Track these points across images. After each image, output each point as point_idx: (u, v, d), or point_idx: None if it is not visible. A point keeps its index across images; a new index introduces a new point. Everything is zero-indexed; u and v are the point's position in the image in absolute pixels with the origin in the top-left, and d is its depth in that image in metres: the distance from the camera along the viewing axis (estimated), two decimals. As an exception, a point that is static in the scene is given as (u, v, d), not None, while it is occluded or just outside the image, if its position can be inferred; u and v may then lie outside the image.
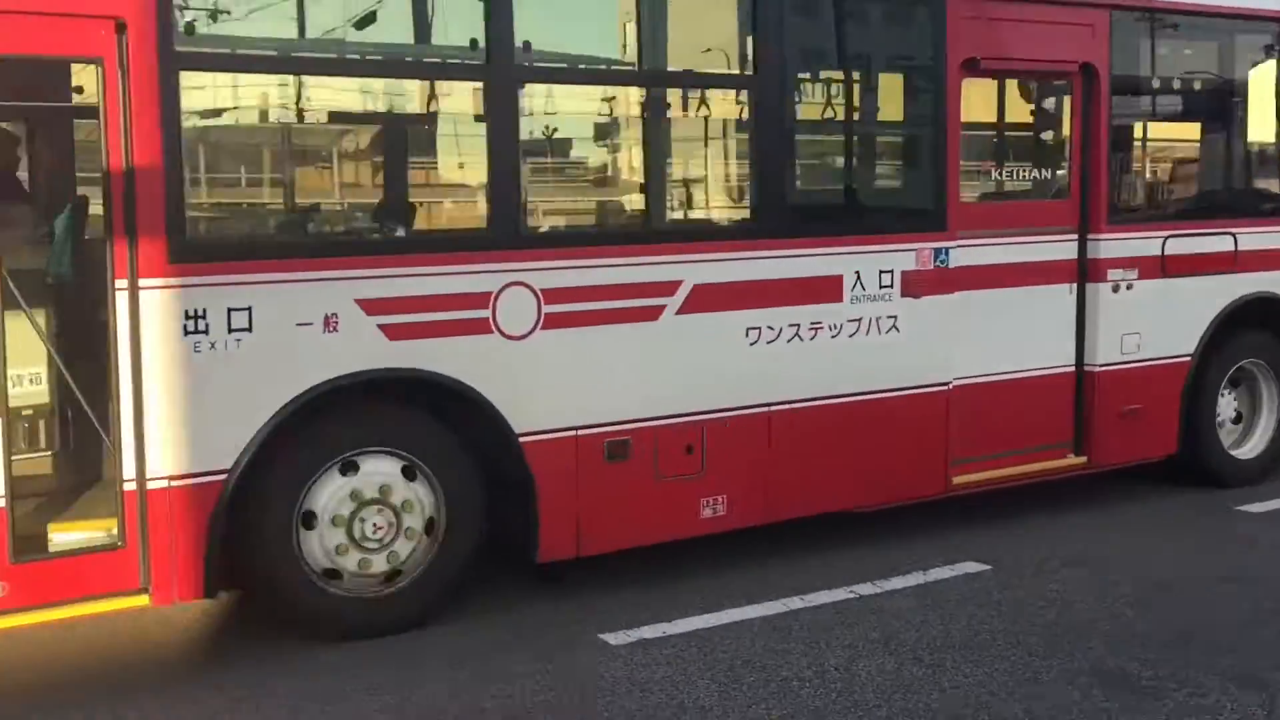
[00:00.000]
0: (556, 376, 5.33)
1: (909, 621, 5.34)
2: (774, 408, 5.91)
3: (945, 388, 6.44)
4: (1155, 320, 7.12)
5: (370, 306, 4.90)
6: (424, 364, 5.02)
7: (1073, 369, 6.97)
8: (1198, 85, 7.29)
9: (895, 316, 6.21)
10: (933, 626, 5.28)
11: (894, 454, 6.31)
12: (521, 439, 5.26)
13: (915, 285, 6.25)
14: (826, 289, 5.99)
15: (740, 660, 4.91)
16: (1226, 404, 7.64)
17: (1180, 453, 7.38)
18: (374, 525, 4.99)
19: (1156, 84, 7.09)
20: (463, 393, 5.13)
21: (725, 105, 6.08)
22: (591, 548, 5.54)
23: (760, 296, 5.80)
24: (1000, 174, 6.84)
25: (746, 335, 5.79)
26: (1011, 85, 6.96)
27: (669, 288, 5.56)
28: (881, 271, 6.14)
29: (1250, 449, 7.79)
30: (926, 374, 6.36)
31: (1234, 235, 7.34)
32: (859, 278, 6.07)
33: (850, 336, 6.08)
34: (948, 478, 6.53)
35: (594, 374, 5.42)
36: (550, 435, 5.34)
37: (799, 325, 5.92)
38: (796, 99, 6.12)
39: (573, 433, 5.39)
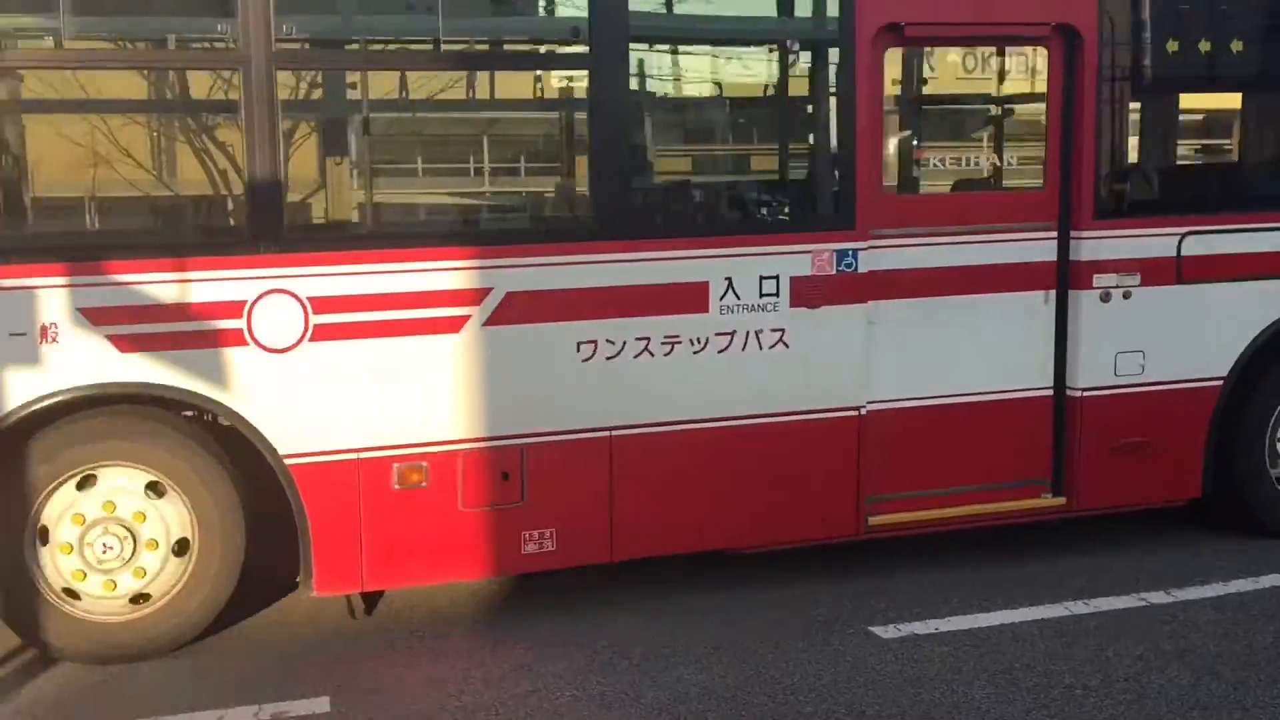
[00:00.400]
0: (331, 394, 4.84)
1: (1207, 634, 5.01)
2: (617, 432, 5.20)
3: (855, 413, 5.50)
4: (1167, 336, 5.84)
5: (97, 316, 4.58)
6: (162, 378, 4.66)
7: (1050, 393, 5.82)
8: (1236, 44, 5.87)
9: (782, 330, 5.33)
10: (1235, 641, 4.93)
11: (786, 489, 5.44)
12: (288, 461, 4.82)
13: (810, 294, 5.34)
14: (685, 298, 5.20)
15: (1020, 663, 4.73)
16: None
17: (1210, 498, 6.07)
18: (103, 545, 4.70)
19: (1174, 45, 5.75)
20: (212, 410, 4.75)
21: (552, 84, 5.34)
22: (380, 581, 5.05)
23: (595, 306, 5.09)
24: (953, 162, 5.73)
25: (578, 350, 5.10)
26: (977, 53, 5.84)
27: (473, 296, 4.95)
28: (763, 278, 5.28)
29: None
30: (828, 396, 5.45)
31: (1282, 232, 5.93)
32: (731, 285, 5.24)
33: (720, 352, 5.26)
34: (861, 518, 5.59)
35: (379, 392, 4.90)
36: (324, 458, 4.87)
37: (648, 339, 5.17)
38: (645, 76, 5.30)
39: (354, 456, 4.90)
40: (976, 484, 5.79)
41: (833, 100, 5.32)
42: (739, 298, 5.25)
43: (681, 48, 5.47)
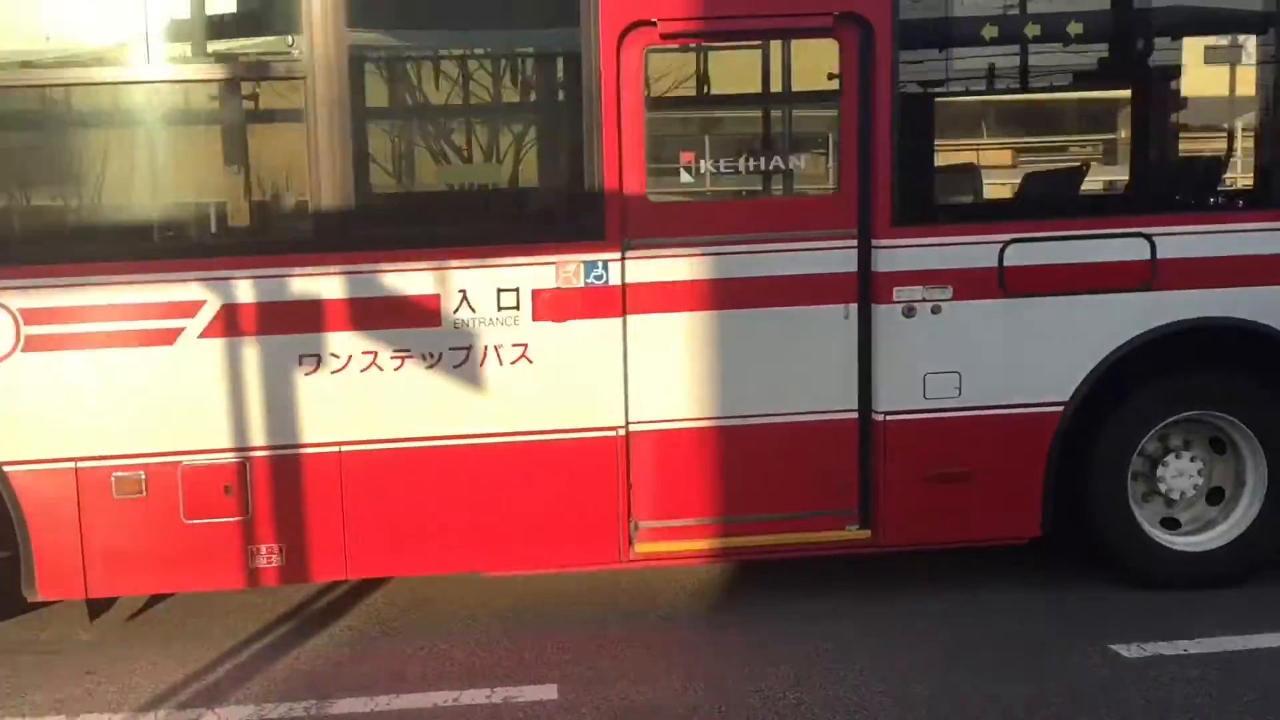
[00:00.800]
0: (46, 404, 4.94)
1: None
2: (346, 448, 5.08)
3: (614, 433, 5.18)
4: (990, 355, 5.23)
5: None
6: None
7: (855, 416, 5.31)
8: (1074, 26, 5.15)
9: (525, 344, 5.08)
10: None
11: (541, 512, 5.18)
12: (7, 468, 4.95)
13: (555, 307, 5.06)
14: (415, 311, 5.02)
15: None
16: (1177, 472, 5.48)
17: (1053, 535, 5.40)
18: None
19: (993, 30, 5.12)
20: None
21: (271, 94, 5.21)
22: (105, 589, 5.12)
23: (318, 319, 4.99)
24: (729, 167, 5.28)
25: (300, 364, 5.01)
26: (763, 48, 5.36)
27: (187, 308, 4.94)
28: (501, 290, 5.04)
29: (1205, 538, 5.52)
30: (582, 415, 5.15)
31: (1149, 238, 5.18)
32: (465, 298, 5.02)
33: (456, 367, 5.06)
34: (625, 544, 5.26)
35: (95, 402, 4.96)
36: (41, 466, 4.97)
37: (375, 354, 5.03)
38: (369, 83, 5.11)
39: (71, 464, 4.98)
40: (774, 512, 5.35)
41: (578, 104, 5.01)
42: (474, 311, 5.03)
43: (409, 53, 5.26)
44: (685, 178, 5.18)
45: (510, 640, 5.12)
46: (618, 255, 5.06)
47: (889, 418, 5.24)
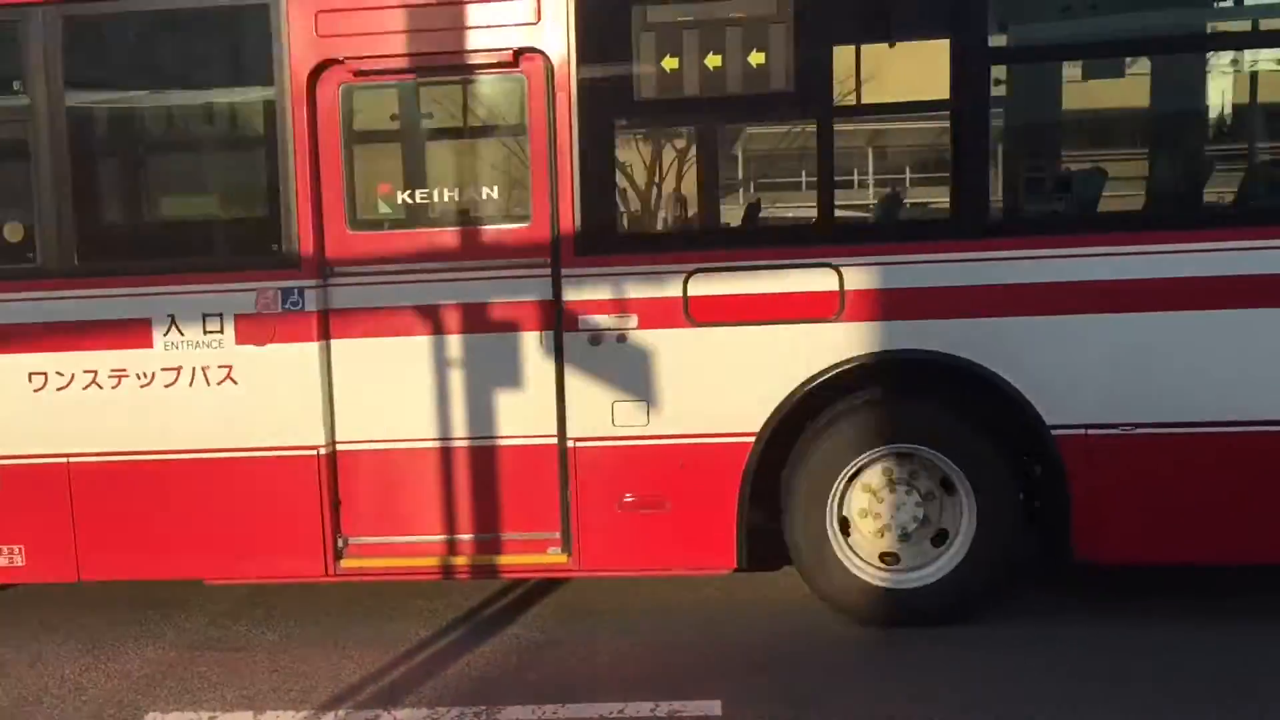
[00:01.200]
0: None
1: None
2: (74, 459, 5.51)
3: (315, 453, 5.43)
4: (677, 384, 5.24)
5: None
6: None
7: (554, 442, 5.41)
8: (756, 57, 5.09)
9: (230, 367, 5.40)
10: None
11: (253, 525, 5.48)
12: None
13: (255, 332, 5.37)
14: (129, 334, 5.41)
15: None
16: (893, 507, 5.35)
17: (752, 567, 5.35)
18: None
19: (673, 63, 5.13)
20: None
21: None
22: None
23: (42, 340, 5.44)
24: (424, 197, 5.45)
25: (30, 380, 5.47)
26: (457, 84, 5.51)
27: (-65, 330, 5.49)
28: (206, 315, 5.38)
29: (918, 575, 5.36)
30: (284, 435, 5.43)
31: (836, 268, 5.10)
32: (174, 322, 5.39)
33: (168, 387, 5.42)
34: (331, 559, 5.50)
35: None
36: None
37: (96, 373, 5.44)
38: (83, 117, 5.49)
39: None
40: (481, 533, 5.50)
41: (274, 141, 5.31)
42: (183, 334, 5.39)
43: (125, 100, 5.63)
44: (384, 209, 5.40)
45: (676, 653, 5.16)
46: (314, 283, 5.32)
47: (579, 445, 5.31)
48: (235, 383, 5.40)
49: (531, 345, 5.35)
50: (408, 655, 5.24)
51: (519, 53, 5.17)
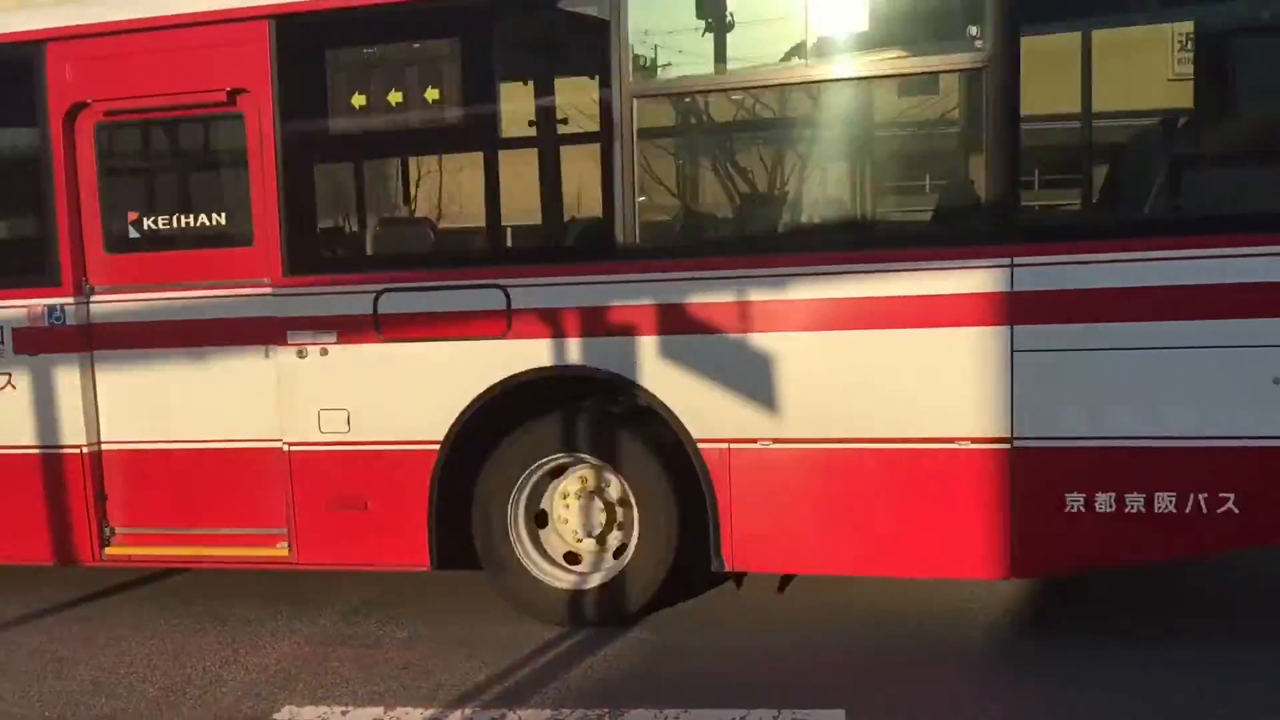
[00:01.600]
0: None
1: None
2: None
3: (78, 451, 6.11)
4: (372, 395, 5.69)
5: None
6: None
7: (280, 445, 5.93)
8: (432, 93, 5.47)
9: (10, 374, 6.13)
10: None
11: (26, 515, 6.20)
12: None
13: (28, 343, 6.09)
14: (-67, 343, 6.23)
15: None
16: (576, 513, 5.67)
17: (446, 565, 5.74)
18: None
19: (362, 99, 5.57)
20: None
21: None
22: None
23: None
24: (166, 223, 6.03)
25: None
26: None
27: None
28: (-8, 328, 6.15)
29: (588, 579, 5.67)
30: (54, 435, 6.13)
31: (504, 289, 5.45)
32: (-33, 333, 6.18)
33: (-36, 392, 6.22)
34: (97, 546, 6.17)
35: None
36: None
37: (-100, 376, 6.28)
38: None
39: None
40: (226, 527, 6.08)
41: (41, 172, 6.00)
42: (-26, 345, 6.17)
43: None
44: (133, 234, 6.03)
45: (798, 659, 5.16)
46: (74, 300, 6.00)
47: (294, 449, 5.82)
48: (14, 388, 6.13)
49: (257, 358, 5.89)
50: (532, 656, 5.33)
51: (232, 93, 5.72)
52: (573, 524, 5.68)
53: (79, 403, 6.08)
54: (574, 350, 5.40)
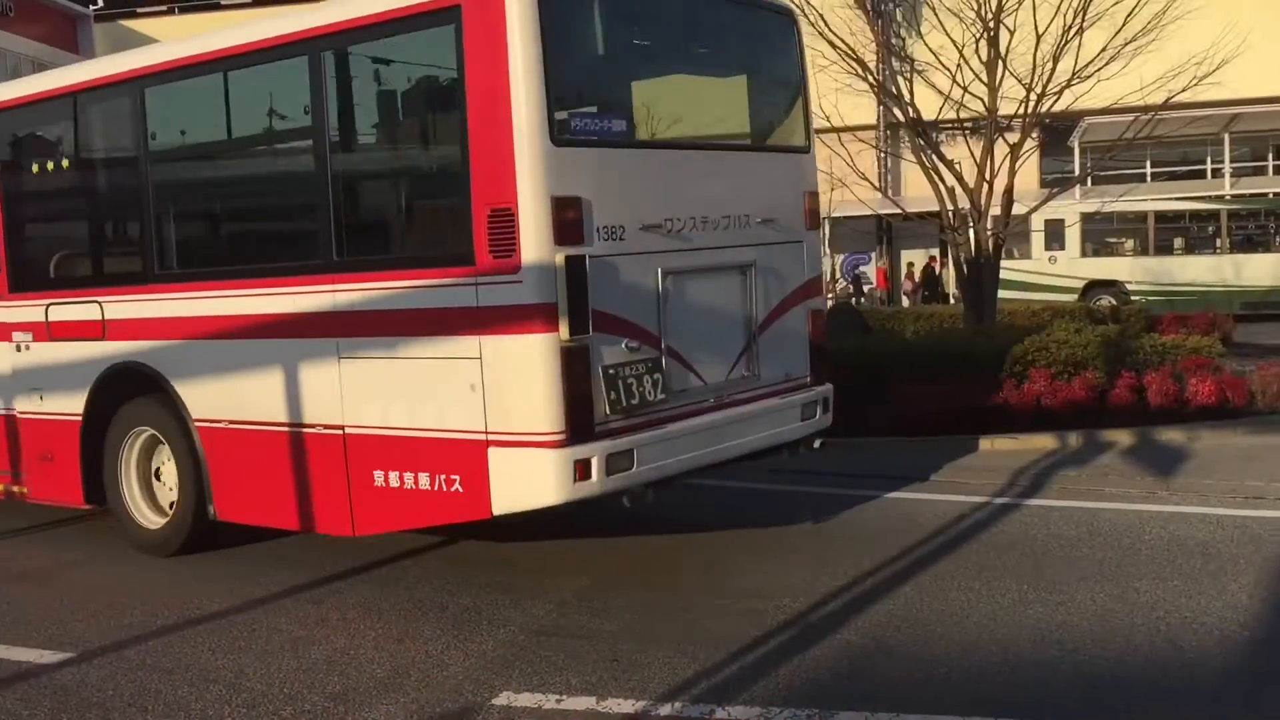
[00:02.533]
0: None
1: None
2: None
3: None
4: (51, 379, 8.01)
5: None
6: None
7: (14, 413, 8.35)
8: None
9: None
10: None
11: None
12: None
13: None
14: None
15: None
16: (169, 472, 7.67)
17: (93, 501, 7.93)
18: None
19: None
20: None
21: None
22: None
23: None
24: None
25: None
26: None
27: None
28: None
29: (152, 520, 7.70)
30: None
31: (100, 304, 7.60)
32: None
33: None
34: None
35: None
36: None
37: None
38: None
39: None
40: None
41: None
42: None
43: None
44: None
45: (1012, 671, 5.08)
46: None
47: (22, 416, 8.23)
48: None
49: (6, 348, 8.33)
50: (740, 654, 5.37)
51: None
52: (168, 481, 7.65)
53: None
54: (130, 350, 7.46)
